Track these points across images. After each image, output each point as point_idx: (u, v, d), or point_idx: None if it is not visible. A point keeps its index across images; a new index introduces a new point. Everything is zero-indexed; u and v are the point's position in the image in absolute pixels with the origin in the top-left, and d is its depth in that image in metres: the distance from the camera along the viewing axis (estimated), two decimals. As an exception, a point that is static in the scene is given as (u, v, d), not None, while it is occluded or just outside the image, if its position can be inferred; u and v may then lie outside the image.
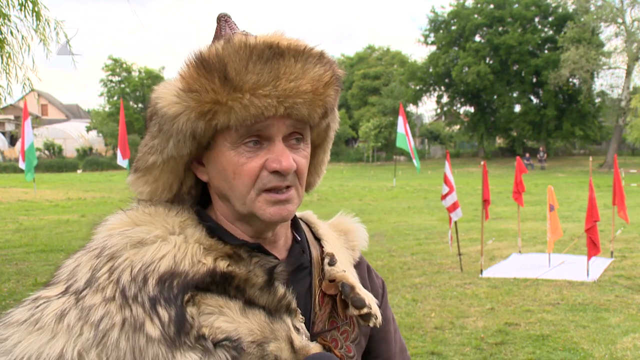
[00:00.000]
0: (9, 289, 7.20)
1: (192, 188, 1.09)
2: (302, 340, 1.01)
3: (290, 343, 0.98)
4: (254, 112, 0.94)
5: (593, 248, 7.27)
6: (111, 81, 45.62)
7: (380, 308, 1.16)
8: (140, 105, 43.93)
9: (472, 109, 45.17)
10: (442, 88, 45.25)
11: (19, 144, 23.14)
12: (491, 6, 42.62)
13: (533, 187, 20.45)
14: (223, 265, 0.97)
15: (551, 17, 42.80)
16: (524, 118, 41.31)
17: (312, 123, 1.02)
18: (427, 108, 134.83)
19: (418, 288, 7.29)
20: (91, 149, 44.33)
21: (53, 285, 0.96)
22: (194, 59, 0.97)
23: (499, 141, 48.53)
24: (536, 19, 42.69)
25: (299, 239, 1.14)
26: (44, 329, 0.89)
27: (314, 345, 1.03)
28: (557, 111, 39.92)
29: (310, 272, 1.12)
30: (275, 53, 0.95)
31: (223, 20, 1.08)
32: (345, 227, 1.27)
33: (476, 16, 42.33)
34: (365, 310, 1.09)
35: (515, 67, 42.32)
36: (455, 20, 43.74)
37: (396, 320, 1.33)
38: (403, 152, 34.51)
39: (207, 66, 0.95)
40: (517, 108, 43.43)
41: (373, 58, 53.42)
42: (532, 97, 43.88)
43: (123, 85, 45.31)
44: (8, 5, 6.38)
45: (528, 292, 7.00)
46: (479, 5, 43.20)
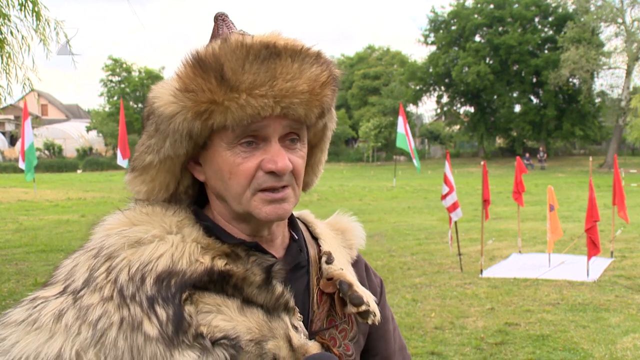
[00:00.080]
0: (9, 289, 7.20)
1: (189, 187, 1.09)
2: (301, 338, 1.01)
3: (288, 341, 0.98)
4: (251, 112, 0.94)
5: (593, 248, 7.27)
6: (111, 81, 45.68)
7: (378, 306, 1.16)
8: (140, 105, 43.82)
9: (472, 109, 45.14)
10: (442, 88, 45.22)
11: (19, 144, 23.12)
12: (491, 6, 42.59)
13: (533, 187, 20.44)
14: (220, 264, 0.97)
15: (551, 17, 42.78)
16: (524, 118, 41.29)
17: (309, 123, 1.02)
18: (427, 108, 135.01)
19: (418, 288, 7.29)
20: (91, 149, 44.32)
21: (51, 285, 0.97)
22: (191, 59, 0.97)
23: (499, 141, 48.50)
24: (536, 19, 42.67)
25: (297, 238, 1.14)
26: (42, 329, 0.89)
27: (312, 343, 1.03)
28: (557, 111, 39.91)
29: (307, 271, 1.12)
30: (272, 53, 0.95)
31: (220, 19, 1.08)
32: (342, 226, 1.27)
33: (476, 16, 42.31)
34: (363, 307, 1.09)
35: (515, 67, 42.29)
36: (455, 20, 43.71)
37: (396, 320, 1.33)
38: (403, 152, 34.49)
39: (204, 66, 0.95)
40: (517, 108, 43.42)
41: (373, 58, 53.41)
42: (532, 97, 43.86)
43: (123, 85, 45.37)
44: (8, 5, 6.38)
45: (528, 292, 7.00)
46: (479, 5, 43.18)
